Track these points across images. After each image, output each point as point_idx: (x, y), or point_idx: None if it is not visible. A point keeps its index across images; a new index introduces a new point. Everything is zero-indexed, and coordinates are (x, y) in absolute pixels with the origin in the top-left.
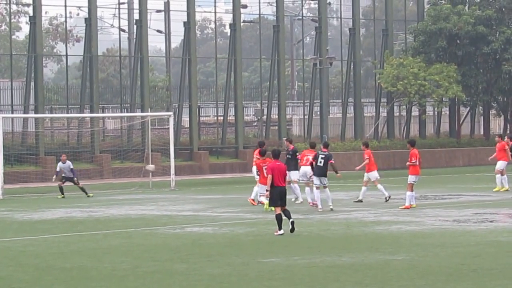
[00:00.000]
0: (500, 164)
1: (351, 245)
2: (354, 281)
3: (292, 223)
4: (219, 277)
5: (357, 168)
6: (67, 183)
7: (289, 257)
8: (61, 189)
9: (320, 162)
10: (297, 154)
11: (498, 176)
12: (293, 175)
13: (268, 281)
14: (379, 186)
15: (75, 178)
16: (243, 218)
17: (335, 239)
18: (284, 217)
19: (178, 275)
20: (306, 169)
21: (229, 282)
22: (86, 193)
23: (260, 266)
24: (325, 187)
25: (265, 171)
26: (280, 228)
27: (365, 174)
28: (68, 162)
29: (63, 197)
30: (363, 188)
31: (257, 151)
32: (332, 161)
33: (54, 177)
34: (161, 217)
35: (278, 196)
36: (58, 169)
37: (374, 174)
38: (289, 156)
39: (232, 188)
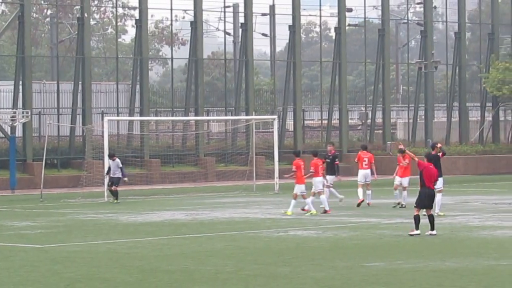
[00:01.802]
0: None
1: (455, 250)
2: (458, 286)
3: (431, 235)
4: (323, 280)
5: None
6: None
7: (393, 261)
8: (115, 193)
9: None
10: (336, 159)
11: None
12: (329, 179)
13: (371, 285)
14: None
15: (125, 178)
16: (347, 222)
17: (439, 243)
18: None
19: (281, 279)
20: (364, 172)
21: (332, 286)
22: (116, 198)
23: (364, 270)
24: (439, 191)
25: (303, 170)
26: (417, 228)
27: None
28: (117, 160)
29: (118, 202)
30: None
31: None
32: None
33: (107, 177)
34: (264, 220)
35: (424, 197)
36: (107, 167)
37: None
38: (329, 161)
39: None
